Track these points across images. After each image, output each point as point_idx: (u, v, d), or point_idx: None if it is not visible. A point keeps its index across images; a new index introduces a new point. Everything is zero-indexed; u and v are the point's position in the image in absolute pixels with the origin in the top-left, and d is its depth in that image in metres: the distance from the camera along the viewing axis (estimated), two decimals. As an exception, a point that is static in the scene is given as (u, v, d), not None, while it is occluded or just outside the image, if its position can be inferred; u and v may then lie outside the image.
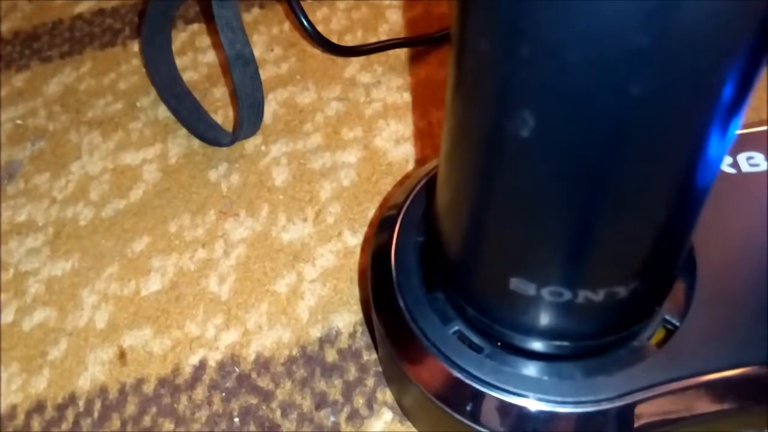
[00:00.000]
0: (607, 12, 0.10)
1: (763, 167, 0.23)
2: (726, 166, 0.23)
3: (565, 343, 0.19)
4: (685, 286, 0.21)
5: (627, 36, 0.10)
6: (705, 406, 0.20)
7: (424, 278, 0.22)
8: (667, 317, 0.20)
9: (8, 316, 0.30)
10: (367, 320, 0.28)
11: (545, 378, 0.20)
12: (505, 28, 0.12)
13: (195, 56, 0.39)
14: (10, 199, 0.34)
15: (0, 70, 0.41)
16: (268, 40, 0.39)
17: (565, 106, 0.12)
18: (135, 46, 0.41)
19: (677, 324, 0.20)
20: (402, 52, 0.38)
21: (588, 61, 0.11)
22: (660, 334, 0.20)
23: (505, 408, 0.20)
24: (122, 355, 0.28)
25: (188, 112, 0.36)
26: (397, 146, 0.34)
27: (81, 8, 0.44)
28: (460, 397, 0.20)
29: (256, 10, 0.41)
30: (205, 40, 0.40)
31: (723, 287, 0.20)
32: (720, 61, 0.11)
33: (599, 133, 0.13)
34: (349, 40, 0.39)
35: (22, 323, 0.30)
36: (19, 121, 0.38)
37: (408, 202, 0.24)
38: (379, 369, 0.27)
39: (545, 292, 0.17)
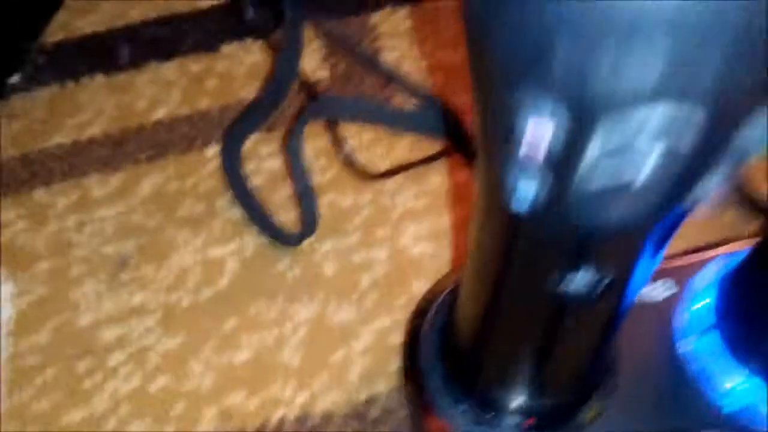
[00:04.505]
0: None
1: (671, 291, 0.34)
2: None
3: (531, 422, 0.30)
4: (609, 382, 0.32)
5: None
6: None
7: (445, 369, 0.33)
8: (597, 402, 0.31)
9: (136, 382, 0.41)
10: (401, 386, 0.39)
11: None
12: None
13: (258, 163, 0.50)
14: (125, 285, 0.45)
15: (98, 170, 0.52)
16: (315, 152, 0.50)
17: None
18: (208, 152, 0.51)
19: (604, 408, 0.31)
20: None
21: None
22: (593, 413, 0.31)
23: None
24: (225, 412, 0.39)
25: (256, 214, 0.47)
26: (416, 243, 0.45)
27: (159, 114, 0.54)
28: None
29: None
30: (265, 149, 0.51)
31: (637, 383, 0.31)
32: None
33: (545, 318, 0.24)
34: (378, 153, 0.49)
35: (148, 388, 0.41)
36: (122, 218, 0.49)
37: (432, 312, 0.35)
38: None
39: (516, 402, 0.28)
